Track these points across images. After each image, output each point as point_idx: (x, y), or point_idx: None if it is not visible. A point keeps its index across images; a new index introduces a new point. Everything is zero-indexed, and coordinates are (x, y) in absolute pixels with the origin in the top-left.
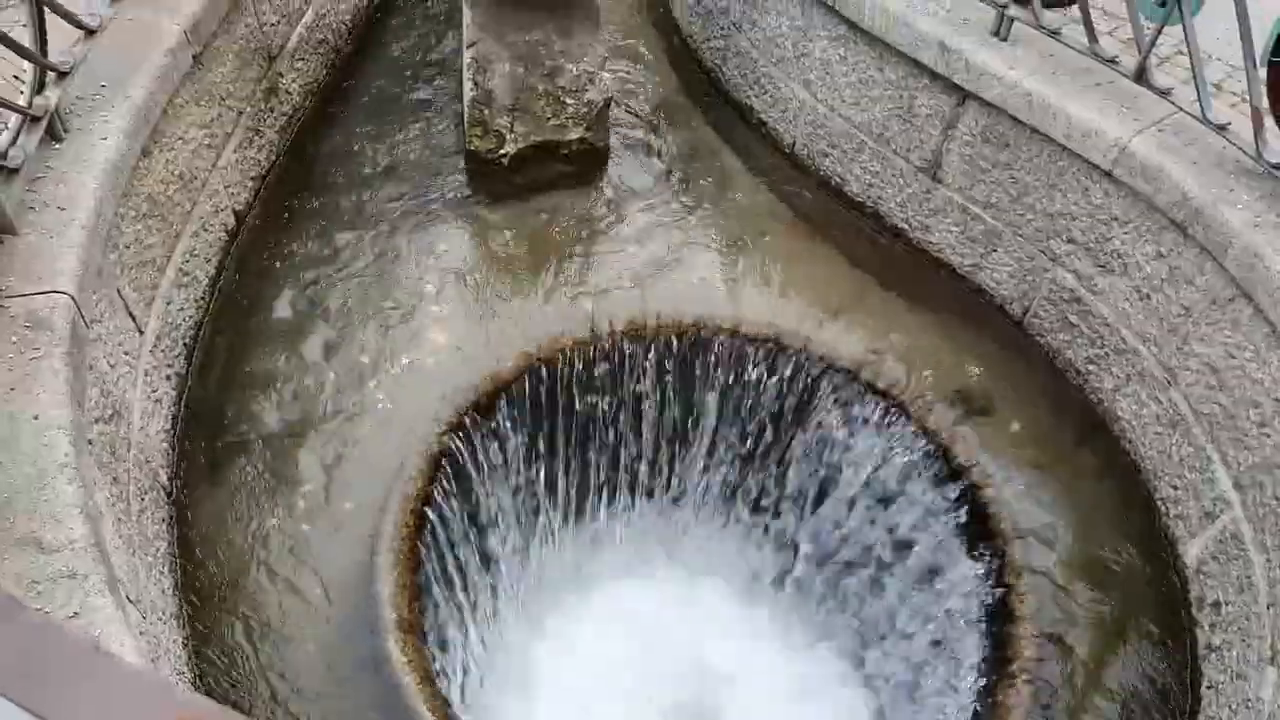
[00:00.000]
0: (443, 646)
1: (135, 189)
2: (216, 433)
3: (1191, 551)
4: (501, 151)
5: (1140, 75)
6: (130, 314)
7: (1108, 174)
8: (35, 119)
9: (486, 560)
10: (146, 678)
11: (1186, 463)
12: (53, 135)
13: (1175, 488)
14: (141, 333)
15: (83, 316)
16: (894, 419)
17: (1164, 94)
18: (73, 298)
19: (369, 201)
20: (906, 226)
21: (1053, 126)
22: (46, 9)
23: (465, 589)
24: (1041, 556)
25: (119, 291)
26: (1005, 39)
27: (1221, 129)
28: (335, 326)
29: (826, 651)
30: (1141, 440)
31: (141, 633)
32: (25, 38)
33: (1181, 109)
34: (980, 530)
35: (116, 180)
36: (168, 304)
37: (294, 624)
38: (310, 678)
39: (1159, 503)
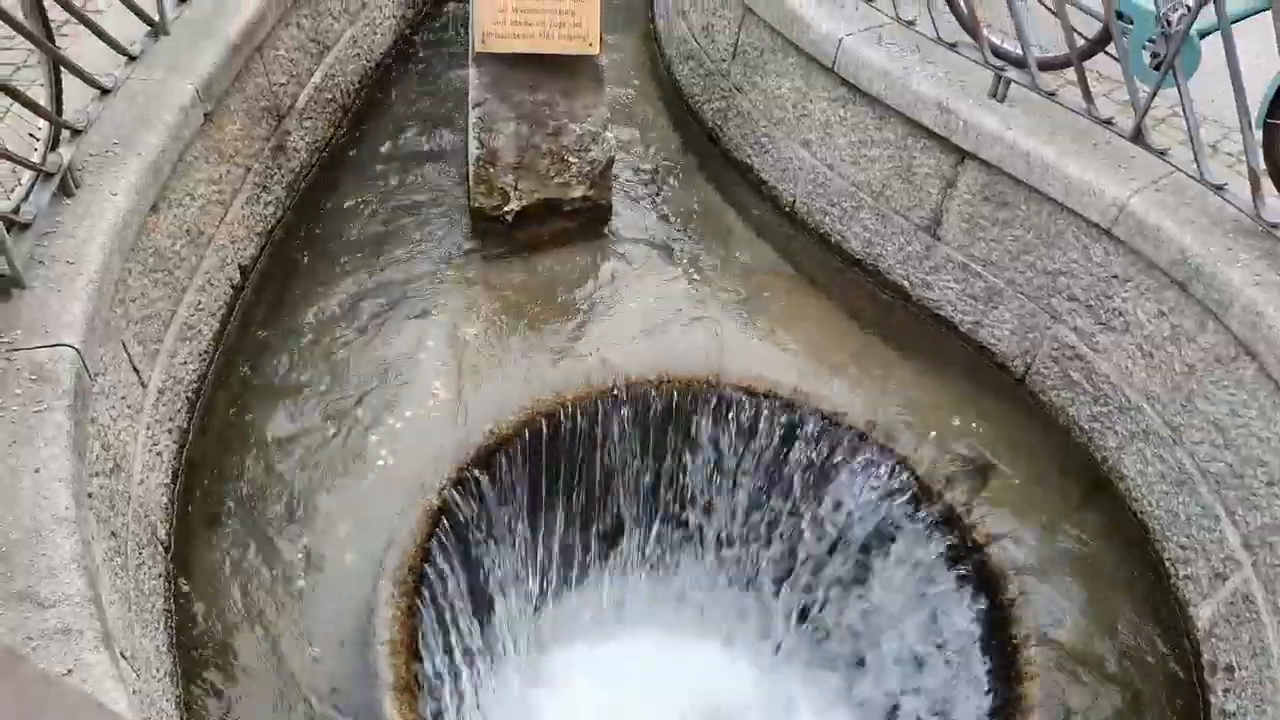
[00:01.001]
0: (440, 706)
1: (143, 244)
2: (216, 487)
3: (1202, 614)
4: (506, 208)
5: (1137, 136)
6: (134, 367)
7: (1107, 232)
8: (48, 175)
9: (486, 618)
10: None
11: (1194, 522)
12: (65, 191)
13: (1184, 548)
14: (144, 386)
15: (87, 370)
16: (896, 475)
17: (1161, 154)
18: (78, 351)
19: (374, 257)
20: (907, 284)
21: (1051, 186)
22: (63, 69)
23: (464, 647)
24: (1048, 617)
25: (123, 345)
26: (1002, 100)
27: (1219, 189)
28: (338, 380)
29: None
30: (1148, 499)
31: (135, 690)
32: (43, 97)
33: (1179, 169)
34: (984, 591)
35: (125, 235)
36: (171, 358)
37: (290, 682)
38: None
39: (1167, 563)
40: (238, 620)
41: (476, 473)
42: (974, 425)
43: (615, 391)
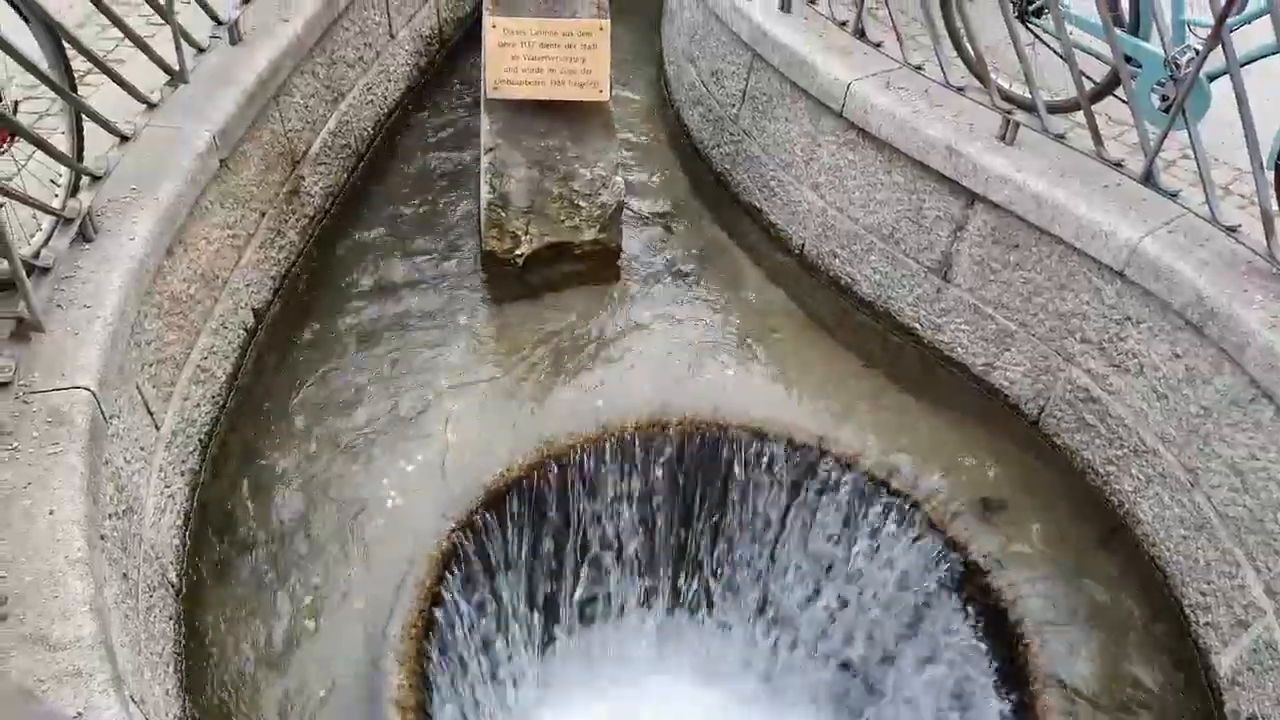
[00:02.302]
0: None
1: (159, 288)
2: (227, 530)
3: (1224, 662)
4: (517, 252)
5: (1147, 178)
6: (148, 410)
7: (1119, 274)
8: (68, 221)
9: (495, 661)
10: None
11: (1214, 568)
12: (84, 236)
13: (1204, 594)
14: (158, 429)
15: (102, 412)
16: (909, 520)
17: (1172, 196)
18: (93, 394)
19: (386, 300)
20: (918, 326)
21: (1062, 228)
22: (85, 117)
23: (473, 691)
24: (1065, 666)
25: (138, 388)
26: (1011, 143)
27: (1232, 230)
28: (349, 424)
29: None
30: (1166, 544)
31: None
32: (65, 144)
33: (1191, 211)
34: (1000, 638)
35: (141, 279)
36: (185, 400)
37: None
38: None
39: (1187, 610)
40: (247, 664)
41: (486, 516)
42: (987, 469)
43: (624, 434)
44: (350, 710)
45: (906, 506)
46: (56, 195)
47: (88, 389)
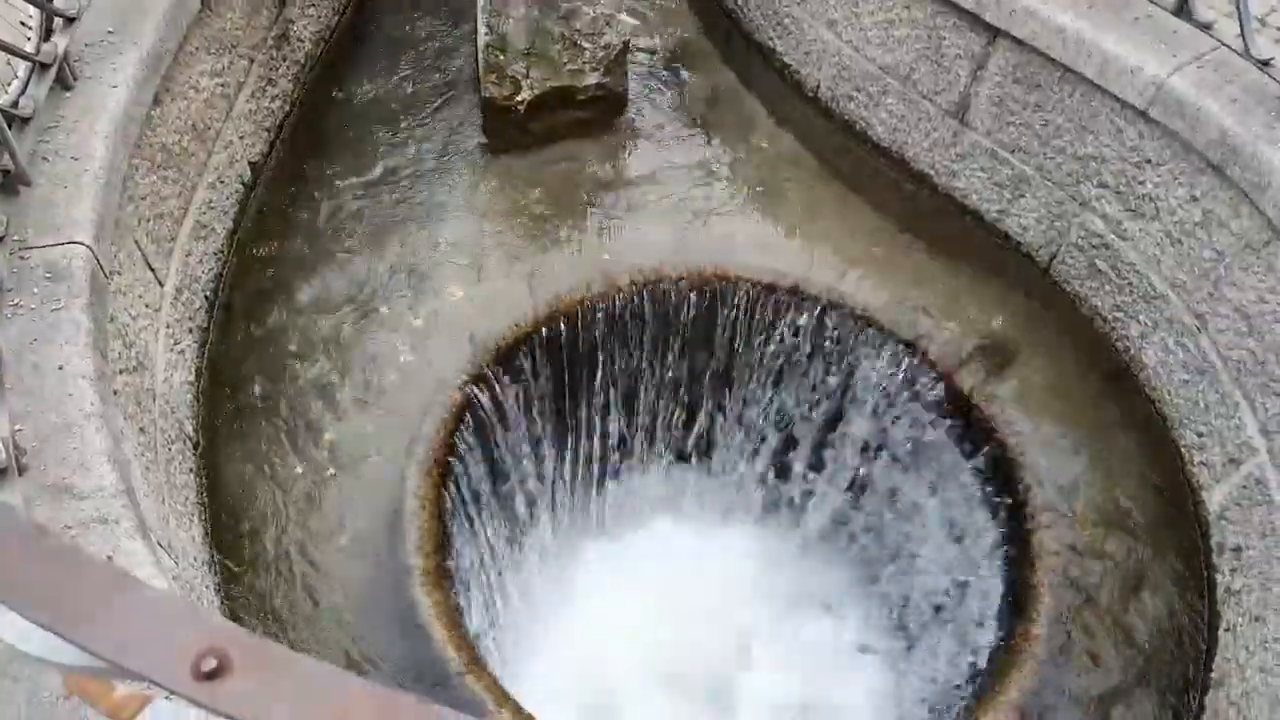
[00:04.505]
0: (468, 592)
1: (148, 139)
2: (239, 385)
3: (1214, 498)
4: (517, 98)
5: (1180, 8)
6: (150, 266)
7: (1143, 114)
8: (44, 66)
9: (510, 508)
10: (178, 604)
11: (1213, 409)
12: (62, 83)
13: (1200, 435)
14: (162, 285)
15: (102, 268)
16: (917, 367)
17: (1205, 28)
18: (90, 249)
19: (384, 151)
20: (932, 172)
21: (1086, 64)
22: None
23: (489, 536)
24: (1063, 503)
25: (137, 243)
26: None
27: (1264, 65)
28: (354, 279)
29: (847, 600)
30: (1167, 387)
31: (175, 577)
32: None
33: (1223, 44)
34: (1002, 479)
35: (129, 130)
36: (187, 256)
37: (322, 572)
38: (339, 622)
39: (1183, 450)
40: (269, 514)
41: (497, 370)
42: (996, 316)
43: (633, 286)
44: (372, 555)
45: (914, 354)
46: (29, 39)
47: (84, 244)
